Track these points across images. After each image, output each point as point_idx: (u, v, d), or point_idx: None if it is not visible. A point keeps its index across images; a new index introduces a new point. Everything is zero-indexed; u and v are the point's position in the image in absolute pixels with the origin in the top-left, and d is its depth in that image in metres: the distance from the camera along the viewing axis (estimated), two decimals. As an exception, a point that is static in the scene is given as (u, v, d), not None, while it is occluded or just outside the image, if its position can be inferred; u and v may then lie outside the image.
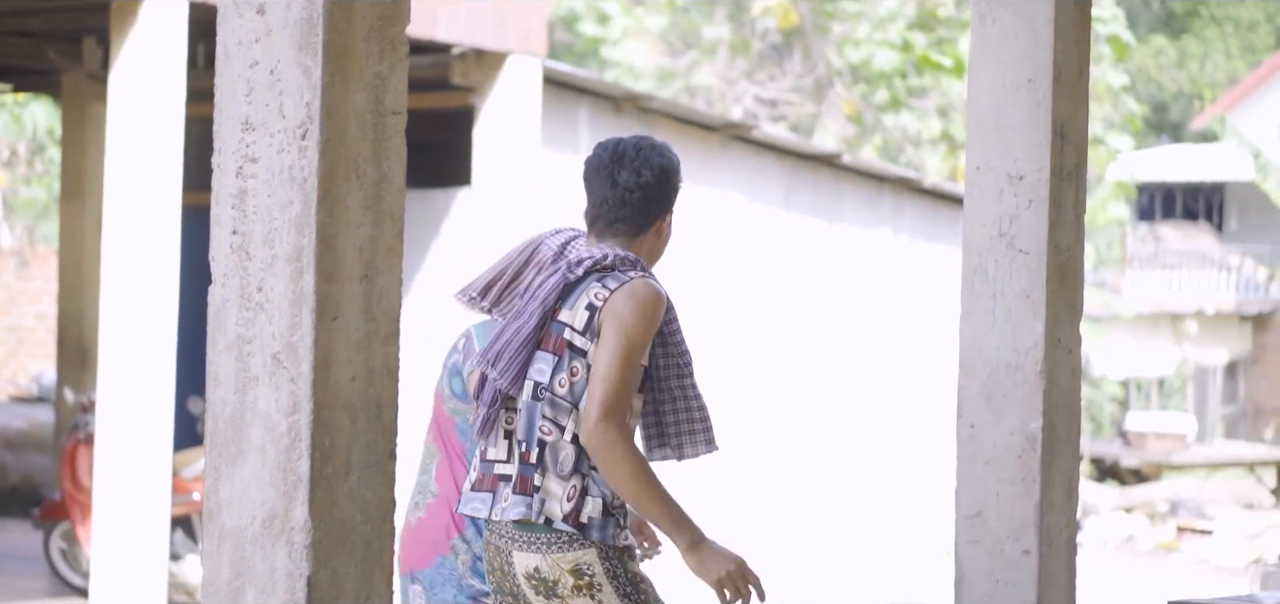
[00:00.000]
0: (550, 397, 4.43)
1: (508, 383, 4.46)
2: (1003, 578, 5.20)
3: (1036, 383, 5.20)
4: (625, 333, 4.39)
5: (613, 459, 4.33)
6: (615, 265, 4.51)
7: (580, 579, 4.39)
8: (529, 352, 4.48)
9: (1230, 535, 21.59)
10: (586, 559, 4.38)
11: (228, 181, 3.47)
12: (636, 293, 4.44)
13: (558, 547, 4.38)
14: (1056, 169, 5.20)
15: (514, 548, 4.43)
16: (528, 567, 4.42)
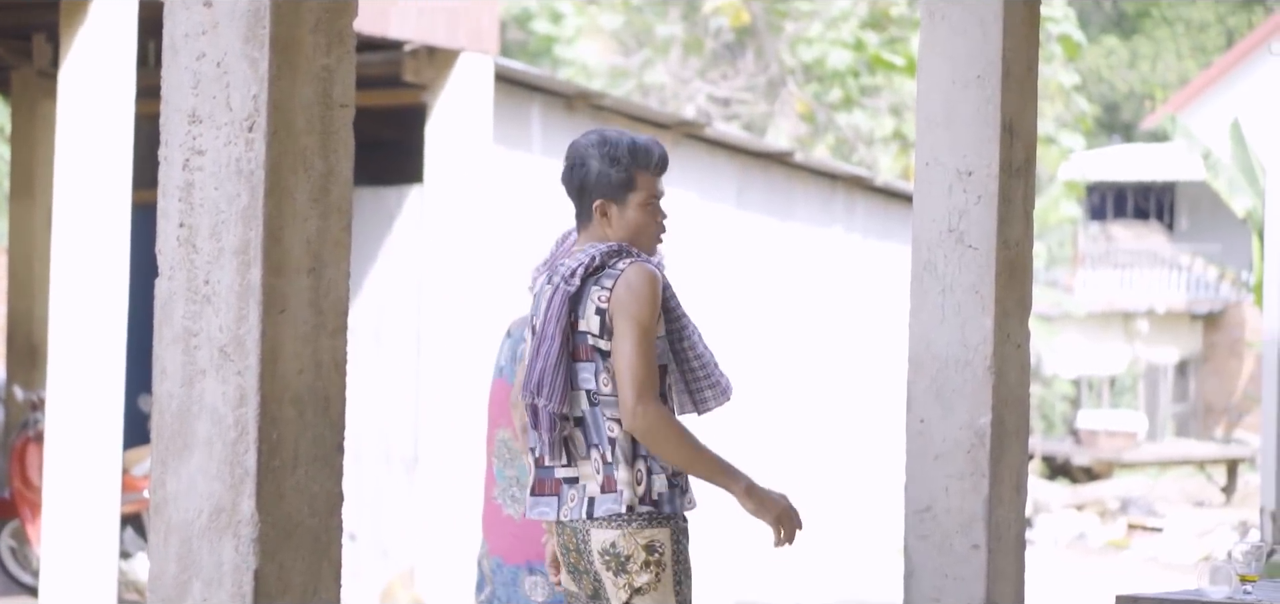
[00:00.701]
0: (603, 398, 4.78)
1: (558, 404, 4.79)
2: (952, 572, 5.22)
3: (985, 378, 5.22)
4: (634, 319, 4.72)
5: (658, 435, 4.70)
6: (604, 263, 4.83)
7: (651, 555, 4.74)
8: (566, 368, 4.80)
9: (1181, 533, 21.69)
10: (660, 537, 4.75)
11: (174, 174, 3.46)
12: (632, 282, 4.76)
13: (635, 523, 4.73)
14: (1005, 165, 5.22)
15: (591, 528, 4.77)
16: (604, 542, 4.74)
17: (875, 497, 17.89)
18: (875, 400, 18.02)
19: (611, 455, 4.75)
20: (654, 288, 4.77)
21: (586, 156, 4.96)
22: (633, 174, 4.91)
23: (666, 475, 4.77)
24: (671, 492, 4.78)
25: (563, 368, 4.79)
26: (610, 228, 4.91)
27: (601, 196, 4.92)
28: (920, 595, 5.26)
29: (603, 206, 4.92)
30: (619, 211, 4.91)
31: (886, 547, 17.74)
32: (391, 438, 13.57)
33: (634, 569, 4.75)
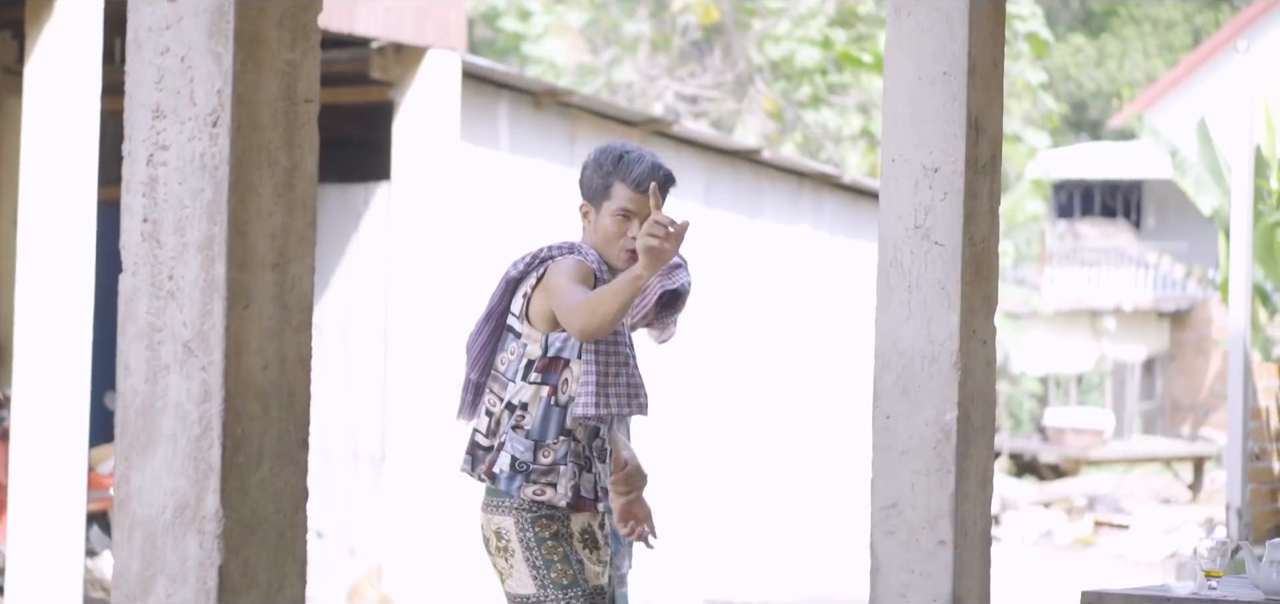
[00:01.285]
0: (496, 373, 5.13)
1: (473, 369, 5.19)
2: (918, 568, 5.23)
3: (952, 374, 5.22)
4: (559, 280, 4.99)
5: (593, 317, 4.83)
6: (549, 255, 5.14)
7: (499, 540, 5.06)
8: (487, 339, 5.18)
9: (1147, 530, 21.76)
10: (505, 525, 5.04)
11: (139, 169, 3.45)
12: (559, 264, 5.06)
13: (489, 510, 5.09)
14: (971, 161, 5.22)
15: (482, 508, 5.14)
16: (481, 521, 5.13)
17: (843, 493, 17.91)
18: (842, 397, 18.04)
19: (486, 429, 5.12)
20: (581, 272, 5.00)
21: (588, 160, 5.25)
22: (611, 183, 5.16)
23: (511, 457, 5.05)
24: (513, 474, 5.04)
25: (485, 338, 5.19)
26: (589, 230, 5.23)
27: (584, 198, 5.25)
28: (887, 591, 5.27)
29: (583, 207, 5.25)
30: (595, 216, 5.21)
31: (854, 543, 17.76)
32: (359, 435, 13.55)
33: (493, 551, 5.11)
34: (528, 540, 5.02)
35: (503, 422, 5.07)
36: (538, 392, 5.06)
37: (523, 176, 14.22)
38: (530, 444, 5.05)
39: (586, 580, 5.07)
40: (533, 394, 5.06)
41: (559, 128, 14.58)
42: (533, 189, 14.32)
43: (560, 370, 5.06)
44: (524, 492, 5.03)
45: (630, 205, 5.14)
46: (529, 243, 13.58)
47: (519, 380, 5.07)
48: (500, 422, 5.08)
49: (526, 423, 5.05)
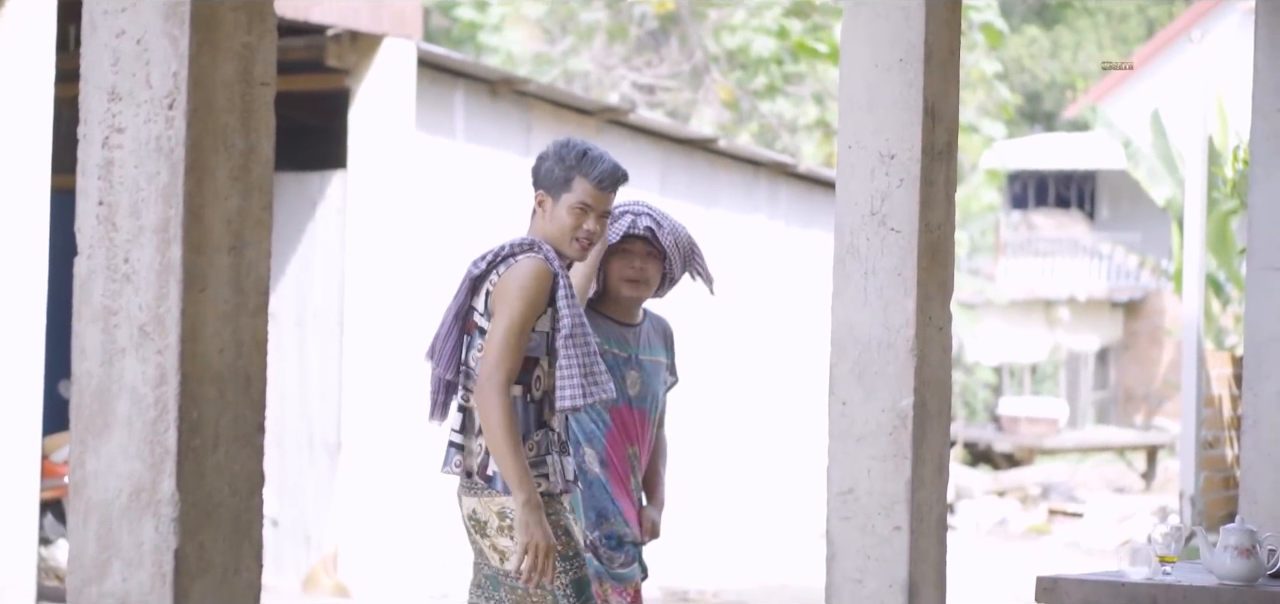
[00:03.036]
0: (469, 371, 5.23)
1: (443, 369, 5.28)
2: (874, 554, 5.24)
3: (908, 360, 5.24)
4: (509, 308, 5.11)
5: (486, 411, 5.06)
6: (511, 253, 5.23)
7: (503, 521, 5.14)
8: (456, 339, 5.27)
9: (1101, 518, 21.84)
10: (510, 504, 5.10)
11: (94, 152, 3.44)
12: (518, 272, 5.15)
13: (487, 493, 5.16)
14: (928, 148, 5.24)
15: (461, 493, 5.23)
16: (468, 508, 5.21)
17: (799, 481, 17.95)
18: (799, 386, 18.07)
19: (460, 424, 5.26)
20: (538, 282, 5.14)
21: (547, 152, 5.35)
22: (573, 177, 5.27)
23: None
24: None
25: (454, 338, 5.28)
26: (542, 219, 5.32)
27: (541, 188, 5.34)
28: (842, 576, 5.28)
29: (540, 197, 5.34)
30: (552, 207, 5.30)
31: (811, 531, 17.80)
32: (314, 424, 13.52)
33: (493, 534, 5.18)
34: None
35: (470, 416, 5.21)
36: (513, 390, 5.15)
37: (478, 165, 14.21)
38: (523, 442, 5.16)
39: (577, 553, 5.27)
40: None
41: (515, 117, 14.56)
42: (488, 178, 14.30)
43: (532, 368, 5.19)
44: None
45: (589, 201, 5.27)
46: (485, 232, 13.64)
47: None
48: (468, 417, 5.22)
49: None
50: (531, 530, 5.05)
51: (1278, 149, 7.74)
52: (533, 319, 5.15)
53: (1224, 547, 5.77)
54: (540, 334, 5.20)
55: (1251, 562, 5.75)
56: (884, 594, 5.24)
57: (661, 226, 5.82)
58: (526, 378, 5.18)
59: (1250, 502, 7.64)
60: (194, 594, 3.36)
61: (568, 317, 5.20)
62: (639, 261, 5.80)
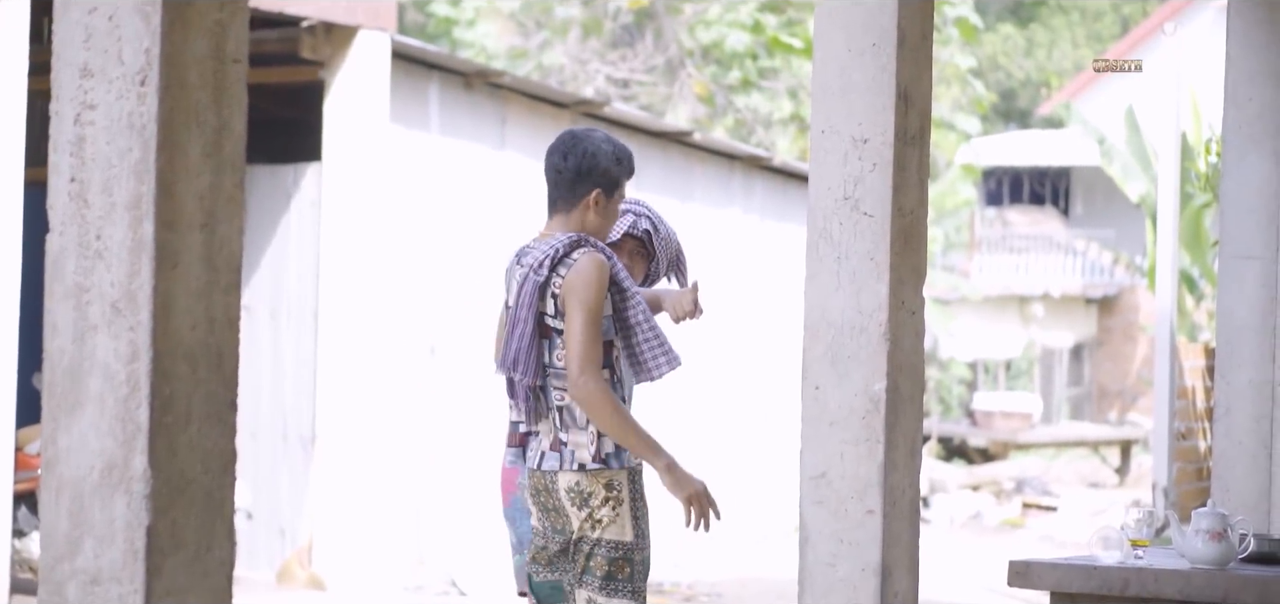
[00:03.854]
0: (555, 370, 5.52)
1: (532, 378, 5.56)
2: (847, 537, 5.25)
3: (880, 345, 5.25)
4: (581, 303, 5.42)
5: (595, 405, 5.42)
6: (565, 253, 5.52)
7: (610, 492, 5.49)
8: (538, 347, 5.56)
9: (1075, 512, 21.90)
10: (618, 478, 5.49)
11: (66, 129, 3.43)
12: (582, 270, 5.45)
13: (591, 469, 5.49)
14: (900, 133, 5.25)
15: (559, 472, 5.53)
16: (570, 482, 5.50)
17: (775, 474, 17.96)
18: (774, 378, 18.08)
19: (560, 421, 5.53)
20: (602, 274, 5.46)
21: (598, 149, 5.64)
22: (623, 178, 5.67)
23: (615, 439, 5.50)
24: (621, 451, 5.49)
25: (535, 347, 5.57)
26: (591, 215, 5.61)
27: (599, 187, 5.59)
28: (816, 560, 5.29)
29: (598, 197, 5.60)
30: (606, 204, 5.62)
31: (787, 522, 17.82)
32: (289, 416, 13.50)
33: (595, 504, 5.50)
34: (635, 495, 5.53)
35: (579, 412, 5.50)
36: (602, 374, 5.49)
37: (453, 158, 14.20)
38: None
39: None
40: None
41: (489, 109, 14.55)
42: (463, 171, 14.29)
43: (611, 352, 5.55)
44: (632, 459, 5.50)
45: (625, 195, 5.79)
46: (460, 224, 13.60)
47: None
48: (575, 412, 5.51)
49: None
50: (687, 484, 5.49)
51: (1250, 138, 7.77)
52: (602, 313, 5.49)
53: (1196, 531, 5.80)
54: (606, 318, 5.55)
55: (1223, 545, 5.77)
56: (857, 578, 5.25)
57: (658, 232, 6.20)
58: (609, 360, 5.54)
59: (1223, 488, 7.67)
60: (166, 571, 3.36)
61: (634, 294, 5.57)
62: (626, 258, 6.12)
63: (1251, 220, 7.81)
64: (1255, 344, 7.76)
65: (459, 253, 14.27)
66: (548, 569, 5.68)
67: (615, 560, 5.56)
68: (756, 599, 14.55)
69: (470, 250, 14.39)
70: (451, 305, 14.20)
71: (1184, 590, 5.66)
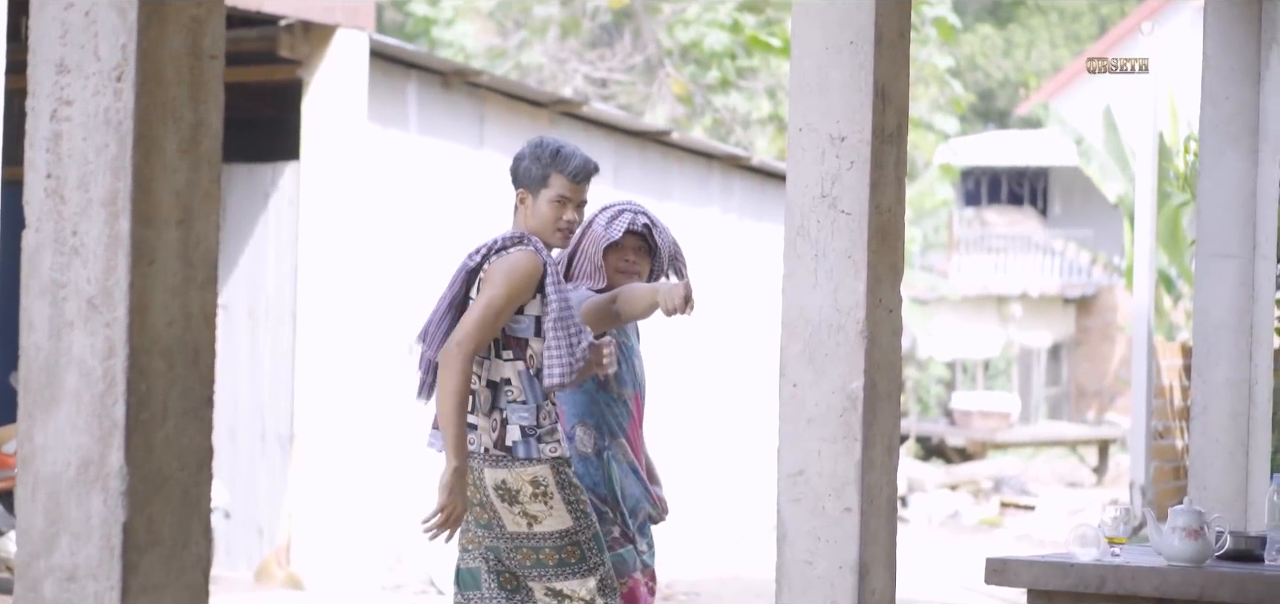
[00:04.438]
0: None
1: (434, 352, 5.76)
2: (825, 535, 5.25)
3: (858, 342, 5.24)
4: (491, 289, 5.65)
5: (445, 375, 5.60)
6: (503, 246, 5.74)
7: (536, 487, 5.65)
8: (450, 324, 5.75)
9: (1052, 511, 21.93)
10: (542, 473, 5.65)
11: (42, 125, 3.42)
12: (505, 260, 5.68)
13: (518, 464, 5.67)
14: (878, 130, 5.25)
15: (485, 466, 5.71)
16: (496, 479, 5.69)
17: (753, 473, 17.97)
18: (752, 378, 18.09)
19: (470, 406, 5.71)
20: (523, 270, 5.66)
21: (523, 152, 5.85)
22: (549, 173, 5.80)
23: (521, 426, 5.70)
24: (526, 440, 5.69)
25: (448, 324, 5.76)
26: (526, 214, 5.81)
27: (522, 186, 5.83)
28: (793, 558, 5.29)
29: (521, 195, 5.82)
30: (533, 202, 5.80)
31: (764, 519, 17.83)
32: (267, 415, 13.49)
33: (525, 500, 5.66)
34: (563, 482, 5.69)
35: (483, 398, 5.71)
36: (515, 365, 5.73)
37: (431, 157, 14.19)
38: (532, 410, 5.72)
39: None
40: (511, 369, 5.73)
41: (468, 108, 14.55)
42: (441, 170, 14.28)
43: (524, 348, 5.73)
44: (542, 450, 5.68)
45: (567, 193, 5.84)
46: (439, 223, 13.58)
47: (494, 358, 5.75)
48: (478, 398, 5.72)
49: (518, 394, 5.73)
50: (454, 494, 5.65)
51: (1228, 136, 7.78)
52: (512, 303, 5.67)
53: (1172, 528, 5.81)
54: (530, 318, 5.73)
55: (1199, 543, 5.79)
56: (834, 576, 5.25)
57: (656, 227, 6.36)
58: (521, 354, 5.72)
59: (1200, 486, 7.68)
60: (142, 568, 3.35)
61: (555, 301, 5.69)
62: (631, 255, 6.28)
63: (1228, 219, 7.83)
64: (1232, 342, 7.78)
65: (437, 252, 14.27)
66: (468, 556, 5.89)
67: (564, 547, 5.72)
68: (735, 598, 14.55)
69: (448, 249, 14.37)
70: (429, 304, 14.18)
71: (1160, 587, 5.67)
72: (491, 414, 5.72)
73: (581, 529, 5.74)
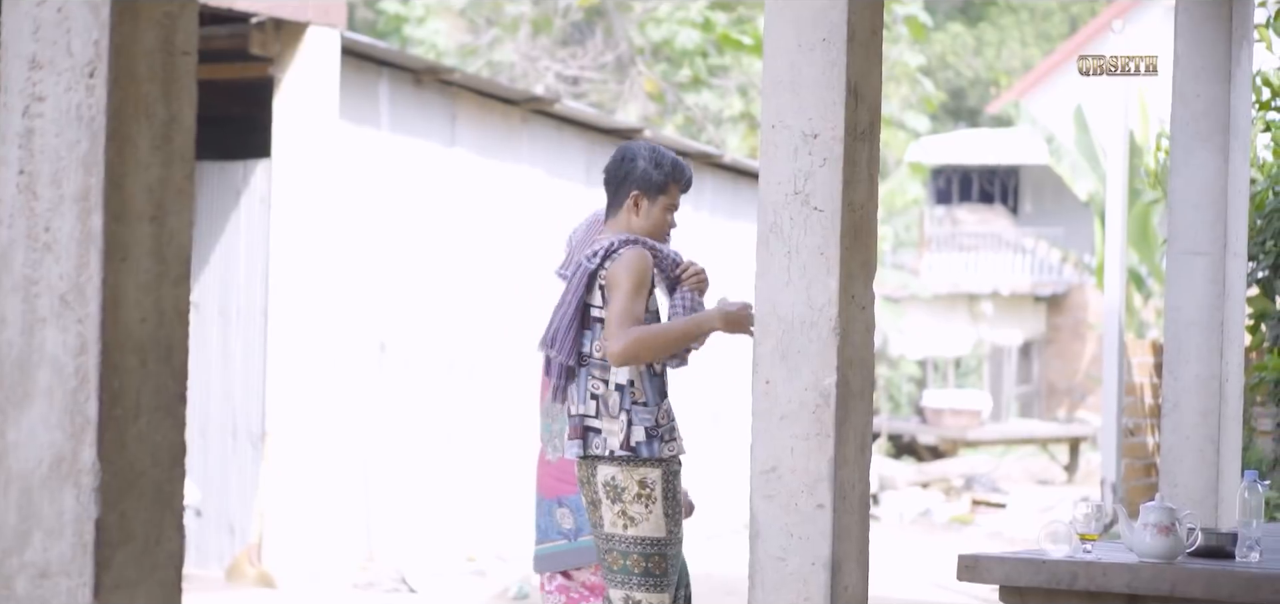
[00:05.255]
0: (593, 361, 6.00)
1: (567, 357, 6.00)
2: (797, 532, 5.26)
3: (831, 339, 5.25)
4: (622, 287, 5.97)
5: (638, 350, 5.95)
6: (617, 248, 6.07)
7: (643, 489, 5.92)
8: (577, 329, 6.03)
9: (1024, 509, 21.98)
10: (652, 475, 5.93)
11: (14, 121, 3.42)
12: (624, 260, 6.03)
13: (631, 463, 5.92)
14: (850, 128, 5.25)
15: (600, 463, 5.96)
16: (607, 475, 5.95)
17: (724, 470, 17.98)
18: (725, 377, 18.10)
19: (594, 410, 5.99)
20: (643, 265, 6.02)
21: (637, 155, 6.22)
22: (667, 182, 6.24)
23: (645, 427, 5.98)
24: (650, 441, 5.97)
25: (574, 328, 6.04)
26: (636, 217, 6.20)
27: (639, 189, 6.19)
28: (766, 555, 5.30)
29: (637, 197, 6.19)
30: (648, 206, 6.19)
31: (737, 517, 17.84)
32: (238, 413, 13.47)
33: (627, 500, 5.92)
34: (668, 491, 5.97)
35: (612, 401, 5.99)
36: (637, 368, 6.02)
37: (403, 155, 14.18)
38: (653, 411, 6.01)
39: None
40: (634, 371, 6.02)
41: (440, 106, 14.53)
42: (413, 168, 14.27)
43: None
44: (663, 451, 5.95)
45: (676, 202, 6.32)
46: (411, 221, 13.57)
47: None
48: (608, 401, 6.00)
49: (640, 395, 6.02)
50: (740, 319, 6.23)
51: (1198, 134, 7.81)
52: (643, 296, 6.03)
53: (1144, 525, 5.83)
54: (651, 314, 6.10)
55: (1171, 539, 5.80)
56: (807, 572, 5.26)
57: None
58: None
59: (1170, 483, 7.71)
60: (115, 564, 3.35)
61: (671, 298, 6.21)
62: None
63: (1199, 216, 7.85)
64: (1202, 339, 7.81)
65: (409, 250, 14.26)
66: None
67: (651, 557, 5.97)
68: (707, 595, 14.56)
69: (420, 247, 14.37)
70: (402, 302, 14.18)
71: (1132, 584, 5.69)
72: (618, 416, 5.98)
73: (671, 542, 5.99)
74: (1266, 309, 10.75)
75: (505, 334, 15.26)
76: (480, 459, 14.99)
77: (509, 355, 15.29)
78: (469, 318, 14.91)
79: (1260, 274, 10.69)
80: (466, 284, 14.87)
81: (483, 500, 14.97)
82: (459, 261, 14.76)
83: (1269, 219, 10.64)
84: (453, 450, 14.76)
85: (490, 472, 15.06)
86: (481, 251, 15.01)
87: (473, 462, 14.93)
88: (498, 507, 15.09)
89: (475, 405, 14.97)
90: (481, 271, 15.02)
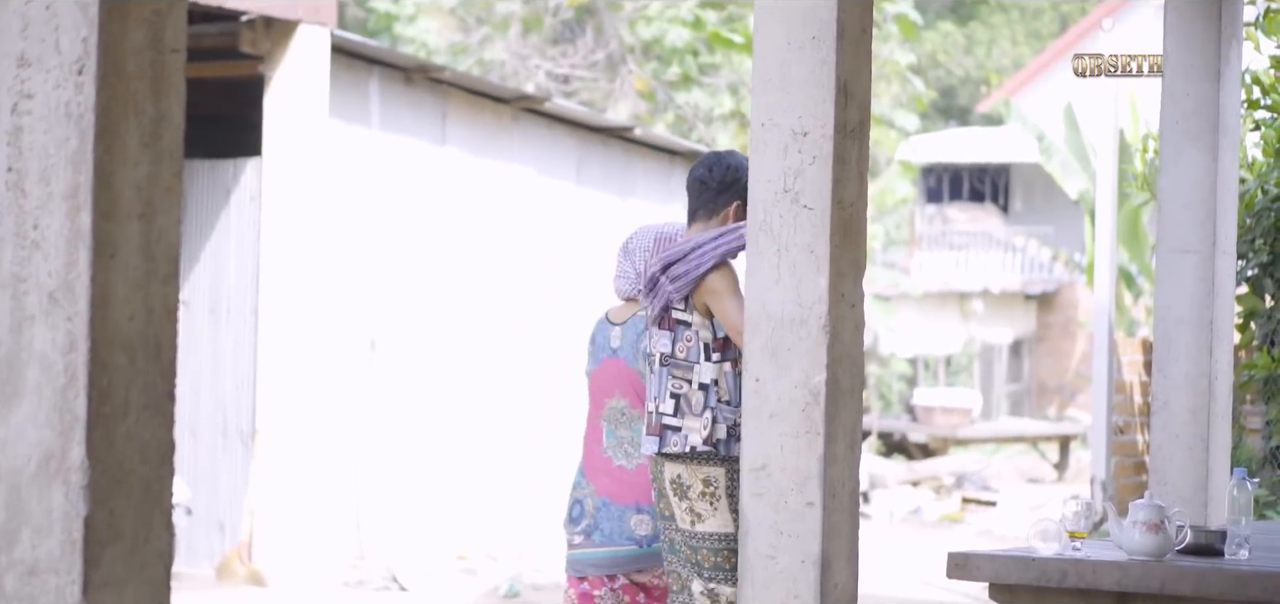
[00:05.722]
0: (675, 361, 6.08)
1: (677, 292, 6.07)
2: (787, 529, 5.26)
3: (820, 337, 5.25)
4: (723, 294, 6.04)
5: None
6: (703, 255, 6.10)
7: (707, 487, 5.99)
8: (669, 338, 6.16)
9: (1014, 507, 21.98)
10: (716, 474, 5.99)
11: (3, 119, 3.41)
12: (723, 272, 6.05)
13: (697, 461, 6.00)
14: (840, 126, 5.26)
15: (664, 462, 6.06)
16: (672, 473, 6.04)
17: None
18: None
19: (674, 407, 6.06)
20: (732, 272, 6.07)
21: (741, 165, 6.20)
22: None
23: (727, 425, 5.99)
24: (729, 439, 5.98)
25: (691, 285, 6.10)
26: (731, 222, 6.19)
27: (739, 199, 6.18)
28: (756, 553, 5.30)
29: (738, 208, 6.17)
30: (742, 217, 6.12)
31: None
32: (228, 412, 13.46)
33: (694, 497, 5.99)
34: (732, 488, 5.97)
35: (695, 400, 6.04)
36: (721, 367, 6.05)
37: (393, 153, 14.17)
38: (736, 411, 5.97)
39: None
40: (719, 370, 6.05)
41: (430, 105, 14.53)
42: (403, 166, 14.27)
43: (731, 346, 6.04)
44: (735, 450, 5.94)
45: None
46: (401, 220, 13.56)
47: (702, 362, 6.06)
48: (691, 400, 6.05)
49: (725, 394, 6.03)
50: None
51: (1187, 132, 7.81)
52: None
53: (1133, 522, 5.83)
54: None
55: (1160, 537, 5.81)
56: (797, 570, 5.26)
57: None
58: (732, 353, 6.04)
59: (1160, 481, 7.71)
60: (104, 562, 3.34)
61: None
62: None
63: (1188, 215, 7.86)
64: (1192, 337, 7.81)
65: (399, 248, 14.25)
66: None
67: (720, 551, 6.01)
68: (697, 594, 14.56)
69: (411, 245, 14.36)
70: (392, 300, 14.17)
71: (1121, 581, 5.70)
72: (702, 414, 6.02)
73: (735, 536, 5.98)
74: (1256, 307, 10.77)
75: (496, 332, 15.26)
76: (471, 457, 14.99)
77: (500, 353, 15.29)
78: (460, 316, 14.91)
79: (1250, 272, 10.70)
80: (457, 282, 14.86)
81: (473, 499, 14.97)
82: (450, 260, 14.76)
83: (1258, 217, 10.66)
84: (443, 449, 14.76)
85: (481, 470, 15.06)
86: (472, 250, 15.01)
87: (463, 460, 14.93)
88: (488, 505, 15.09)
89: (466, 403, 14.97)
90: (472, 270, 15.02)
